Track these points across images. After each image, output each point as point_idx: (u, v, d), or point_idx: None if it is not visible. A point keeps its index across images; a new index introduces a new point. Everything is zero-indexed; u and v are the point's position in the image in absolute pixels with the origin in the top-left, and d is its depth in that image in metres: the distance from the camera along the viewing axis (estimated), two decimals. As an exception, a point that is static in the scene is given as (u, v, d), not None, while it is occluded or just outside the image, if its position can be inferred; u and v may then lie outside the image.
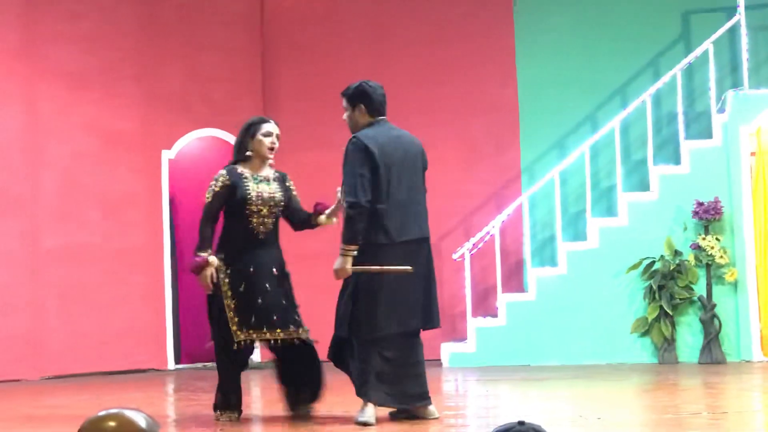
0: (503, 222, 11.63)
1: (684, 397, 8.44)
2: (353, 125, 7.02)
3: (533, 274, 11.37)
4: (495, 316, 11.38)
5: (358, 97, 6.98)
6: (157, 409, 8.22)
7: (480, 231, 11.68)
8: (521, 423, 2.45)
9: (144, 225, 11.91)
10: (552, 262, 11.61)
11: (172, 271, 12.05)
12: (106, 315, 11.50)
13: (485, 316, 11.53)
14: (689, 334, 10.76)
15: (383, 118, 7.01)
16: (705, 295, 10.65)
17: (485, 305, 11.76)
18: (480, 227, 11.78)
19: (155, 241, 11.96)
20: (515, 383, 9.74)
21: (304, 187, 11.20)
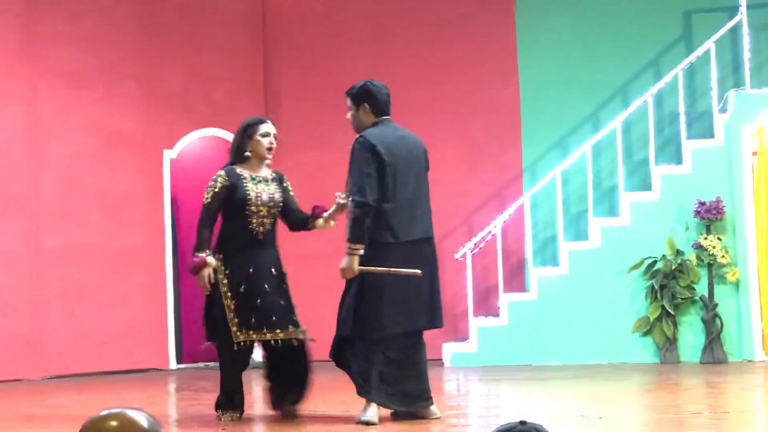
0: (505, 222, 11.62)
1: (686, 397, 8.44)
2: (357, 125, 7.01)
3: (535, 273, 11.36)
4: (497, 315, 11.38)
5: (362, 97, 6.97)
6: (159, 409, 8.22)
7: (482, 230, 11.67)
8: (523, 423, 2.45)
9: (145, 225, 11.90)
10: (554, 261, 11.60)
11: (173, 271, 12.05)
12: (107, 315, 11.50)
13: (487, 315, 11.53)
14: (691, 333, 10.75)
15: (387, 117, 7.00)
16: (707, 295, 10.64)
17: (487, 305, 11.76)
18: (482, 227, 11.78)
19: (157, 241, 11.95)
20: (517, 383, 9.74)
21: (304, 187, 11.24)
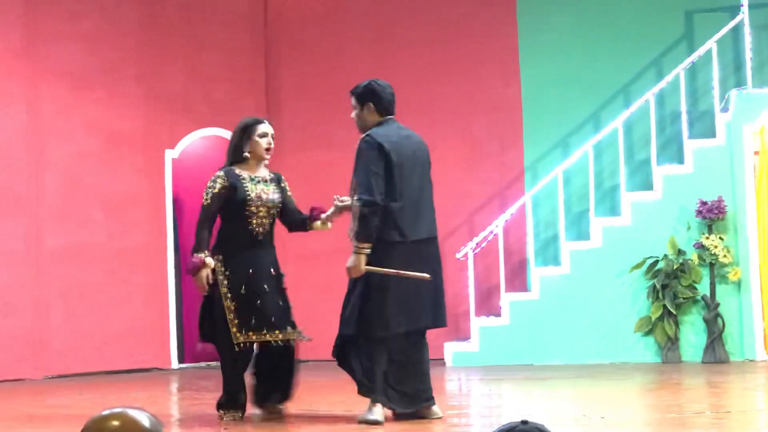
0: (506, 221, 11.62)
1: (687, 397, 8.43)
2: (361, 124, 7.00)
3: (536, 273, 11.36)
4: (498, 315, 11.38)
5: (367, 96, 6.96)
6: (161, 409, 8.22)
7: (483, 230, 11.67)
8: (524, 422, 2.45)
9: (147, 224, 11.90)
10: (555, 261, 11.60)
11: (175, 271, 12.05)
12: (109, 314, 11.50)
13: (488, 315, 11.53)
14: (693, 333, 10.75)
15: (392, 117, 6.99)
16: (708, 295, 10.64)
17: (488, 304, 11.75)
18: (483, 226, 11.78)
19: (158, 241, 11.96)
20: (518, 382, 9.74)
21: (305, 187, 11.25)
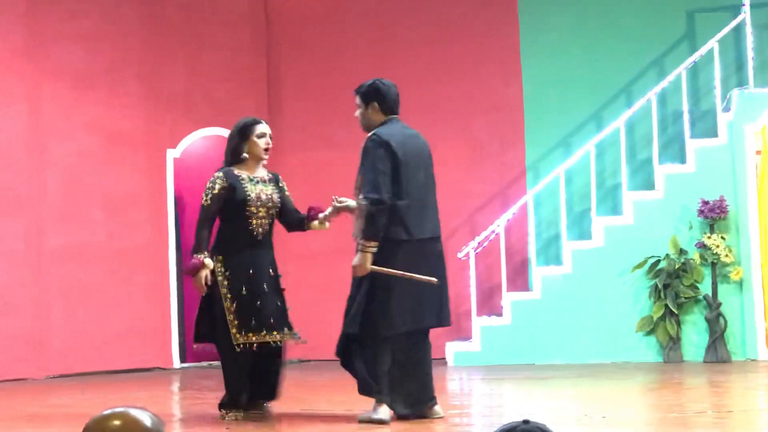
0: (508, 221, 11.61)
1: (689, 396, 8.43)
2: (366, 123, 7.00)
3: (538, 272, 11.35)
4: (500, 315, 11.37)
5: (371, 95, 6.96)
6: (163, 408, 8.22)
7: (485, 230, 11.66)
8: (526, 422, 2.45)
9: (148, 224, 11.90)
10: (557, 260, 11.59)
11: (177, 270, 12.04)
12: (110, 314, 11.50)
13: (490, 314, 11.52)
14: (694, 332, 10.74)
15: (396, 116, 7.00)
16: (710, 294, 10.63)
17: (490, 304, 11.75)
18: (485, 226, 11.77)
19: (160, 240, 11.95)
20: (520, 382, 9.74)
21: (306, 187, 11.26)
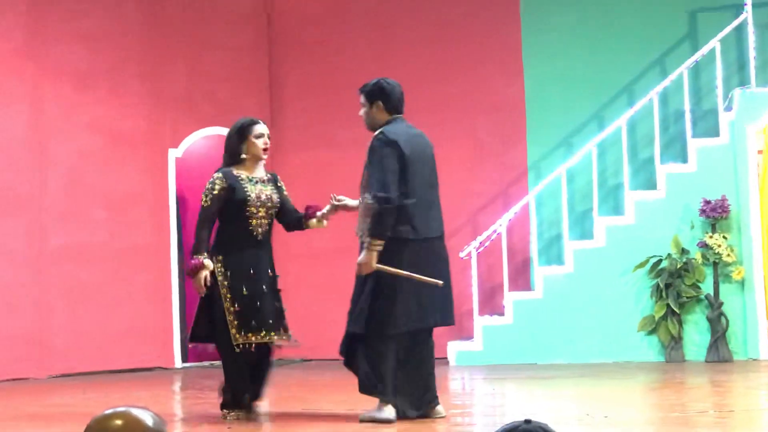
0: (510, 220, 11.61)
1: (691, 396, 8.43)
2: (370, 122, 7.00)
3: (540, 272, 11.35)
4: (502, 314, 11.37)
5: (376, 94, 6.97)
6: (164, 408, 8.22)
7: (486, 229, 11.66)
8: (528, 421, 2.45)
9: (150, 223, 11.90)
10: (559, 260, 11.59)
11: (178, 270, 12.04)
12: (112, 313, 11.50)
13: (492, 314, 11.52)
14: (696, 332, 10.74)
15: (400, 116, 7.01)
16: (712, 294, 10.63)
17: (492, 303, 11.75)
18: (486, 225, 11.77)
19: (162, 240, 11.95)
20: (522, 381, 9.74)
21: (308, 186, 11.27)
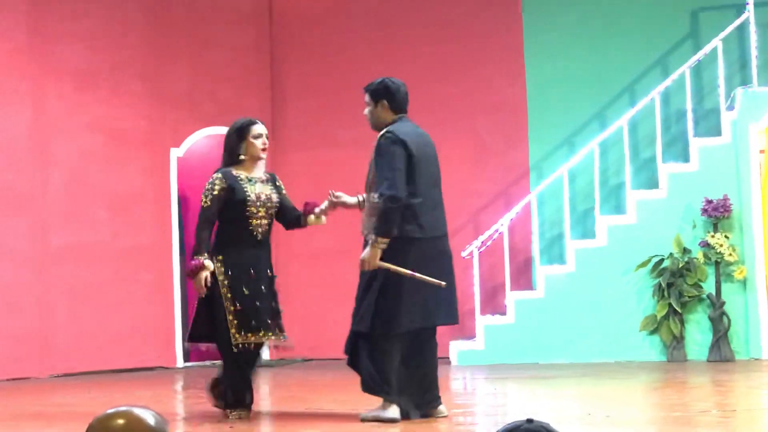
0: (512, 220, 11.61)
1: (693, 395, 8.43)
2: (374, 121, 7.01)
3: (542, 271, 11.35)
4: (503, 314, 11.37)
5: (381, 93, 6.98)
6: (166, 407, 8.23)
7: (488, 229, 11.66)
8: (530, 421, 2.45)
9: (152, 223, 11.91)
10: (560, 259, 11.59)
11: (180, 269, 12.04)
12: (114, 313, 11.51)
13: (494, 314, 11.52)
14: (698, 331, 10.74)
15: (405, 115, 7.02)
16: (714, 293, 10.62)
17: (494, 303, 11.75)
18: (488, 225, 11.77)
19: (164, 239, 11.96)
20: (524, 381, 9.74)
21: (310, 185, 11.26)
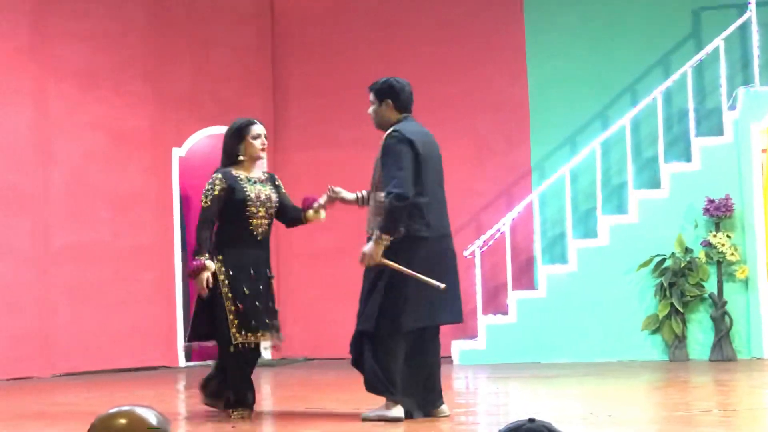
0: (514, 219, 11.61)
1: (695, 395, 8.43)
2: (378, 120, 7.02)
3: (544, 271, 11.35)
4: (505, 313, 11.37)
5: (386, 92, 6.98)
6: (168, 407, 8.23)
7: (490, 228, 11.66)
8: (531, 420, 2.45)
9: (154, 222, 11.91)
10: (562, 259, 11.59)
11: (183, 269, 12.04)
12: (116, 313, 11.51)
13: (496, 313, 11.52)
14: (700, 331, 10.74)
15: (410, 115, 7.02)
16: (716, 293, 10.63)
17: (496, 303, 11.75)
18: (490, 224, 11.77)
19: (166, 239, 11.97)
20: (525, 381, 9.74)
21: (311, 185, 11.23)
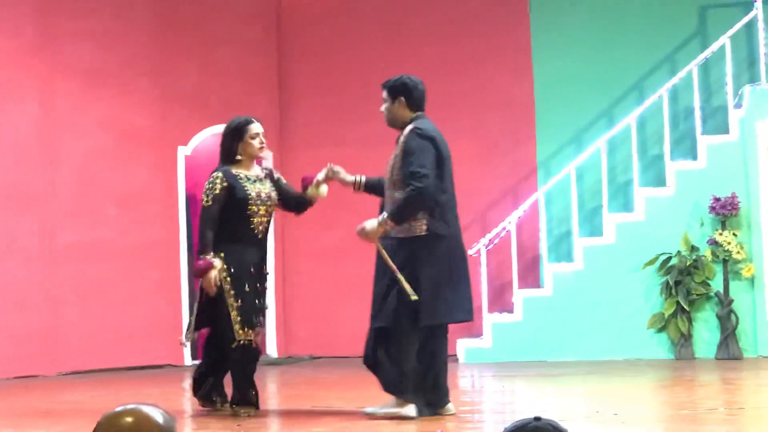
0: (519, 217, 11.61)
1: (701, 393, 8.43)
2: (391, 118, 7.03)
3: (549, 269, 11.35)
4: (511, 311, 11.37)
5: (399, 90, 7.00)
6: (174, 405, 8.24)
7: (496, 226, 11.66)
8: (537, 419, 2.45)
9: (160, 221, 11.92)
10: (568, 257, 11.58)
11: (188, 267, 12.05)
12: (122, 311, 11.52)
13: (501, 311, 11.52)
14: (706, 329, 10.73)
15: (422, 113, 7.04)
16: (722, 291, 10.62)
17: (501, 301, 11.74)
18: (496, 223, 11.77)
19: (172, 237, 11.97)
20: (531, 379, 9.74)
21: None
